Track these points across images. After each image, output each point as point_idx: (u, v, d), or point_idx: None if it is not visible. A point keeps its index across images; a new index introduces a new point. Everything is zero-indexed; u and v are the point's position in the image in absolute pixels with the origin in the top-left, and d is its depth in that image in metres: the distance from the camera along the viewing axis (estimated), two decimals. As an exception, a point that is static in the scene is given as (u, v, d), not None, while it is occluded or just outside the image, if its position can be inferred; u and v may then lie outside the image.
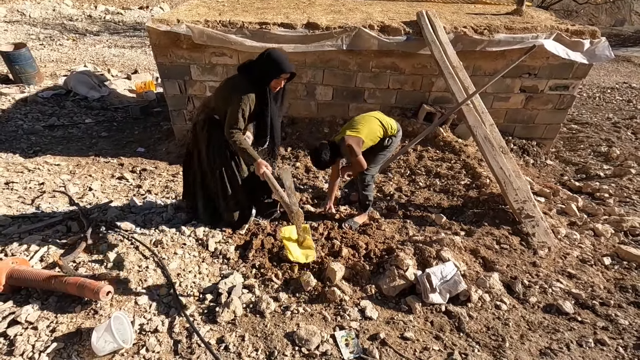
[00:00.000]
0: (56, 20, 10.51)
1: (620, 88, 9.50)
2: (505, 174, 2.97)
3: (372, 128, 2.63)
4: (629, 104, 7.96)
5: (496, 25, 4.01)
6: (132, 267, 2.33)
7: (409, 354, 1.84)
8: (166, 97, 4.41)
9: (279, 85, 2.33)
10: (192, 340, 1.89)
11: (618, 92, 9.09)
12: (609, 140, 5.25)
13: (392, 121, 2.80)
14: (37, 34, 9.50)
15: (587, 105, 7.91)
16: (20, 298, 2.12)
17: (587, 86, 9.59)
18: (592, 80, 10.31)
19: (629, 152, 4.82)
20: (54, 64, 8.10)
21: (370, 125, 2.63)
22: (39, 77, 6.93)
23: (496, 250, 2.57)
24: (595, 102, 8.14)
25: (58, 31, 9.82)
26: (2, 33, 9.22)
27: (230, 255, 2.53)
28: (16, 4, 10.69)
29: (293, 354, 1.83)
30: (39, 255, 2.43)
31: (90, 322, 1.94)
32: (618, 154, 4.75)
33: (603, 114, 7.02)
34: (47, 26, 10.02)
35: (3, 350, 1.80)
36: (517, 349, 1.88)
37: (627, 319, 2.07)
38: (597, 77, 10.72)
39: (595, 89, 9.42)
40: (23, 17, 10.37)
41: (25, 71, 6.67)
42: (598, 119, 6.42)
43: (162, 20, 3.91)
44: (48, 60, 8.25)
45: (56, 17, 10.69)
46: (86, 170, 4.04)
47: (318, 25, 3.93)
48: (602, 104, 7.98)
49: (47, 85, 6.82)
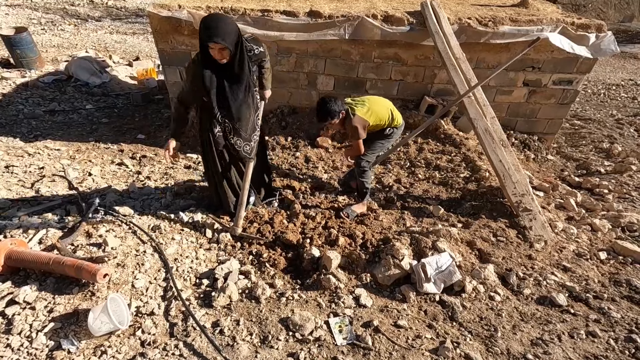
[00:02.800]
0: (58, 4, 10.43)
1: (626, 85, 9.40)
2: (505, 167, 2.96)
3: (381, 114, 2.71)
4: (634, 101, 7.89)
5: (501, 17, 3.95)
6: (130, 251, 2.35)
7: (401, 341, 1.86)
8: (167, 84, 4.39)
9: (217, 57, 2.02)
10: (187, 323, 1.92)
11: (623, 89, 9.00)
12: (611, 137, 5.22)
13: (399, 114, 2.88)
14: (38, 19, 9.43)
15: (591, 102, 7.84)
16: (18, 279, 2.14)
17: (592, 82, 9.49)
18: (597, 76, 10.20)
19: (630, 149, 4.80)
20: (55, 49, 8.06)
21: (381, 111, 2.71)
22: (40, 62, 6.90)
23: (492, 243, 2.57)
24: (600, 99, 8.06)
25: (60, 16, 9.75)
26: (4, 17, 9.16)
27: (227, 242, 2.54)
28: (18, -12, 10.58)
29: (287, 339, 1.85)
30: (37, 237, 2.45)
31: (87, 304, 1.97)
32: (620, 151, 4.72)
33: (607, 111, 6.96)
34: (49, 11, 9.95)
35: (1, 329, 1.83)
36: (509, 339, 1.89)
37: (620, 312, 2.08)
38: (603, 74, 10.60)
39: (600, 85, 9.32)
40: (25, 1, 10.27)
41: (27, 56, 6.64)
42: (601, 115, 6.37)
43: (164, 5, 3.88)
44: (49, 45, 8.20)
45: (58, 2, 10.60)
46: (86, 155, 4.04)
47: (321, 14, 3.89)
48: (607, 101, 7.90)
49: (48, 71, 6.79)
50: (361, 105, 2.67)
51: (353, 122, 2.59)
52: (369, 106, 2.67)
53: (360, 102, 2.71)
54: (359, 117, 2.61)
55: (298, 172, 3.71)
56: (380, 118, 2.72)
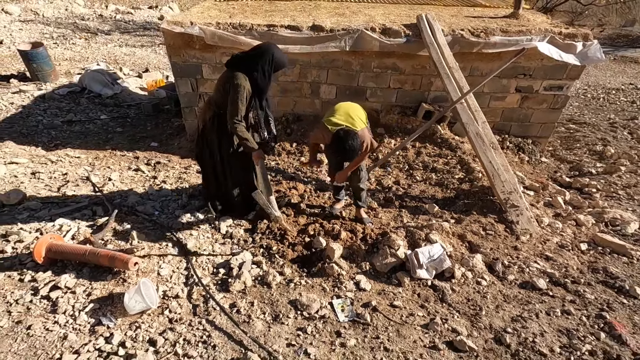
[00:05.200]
0: (68, 19, 10.98)
1: (626, 89, 9.63)
2: (494, 168, 3.26)
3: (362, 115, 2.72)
4: (633, 104, 8.14)
5: (492, 28, 4.29)
6: (154, 244, 2.67)
7: (396, 318, 2.15)
8: (179, 94, 4.76)
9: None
10: (208, 305, 2.23)
11: (623, 93, 9.24)
12: (604, 140, 5.50)
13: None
14: (50, 33, 9.95)
15: (590, 106, 8.10)
16: (56, 269, 2.46)
17: (592, 87, 9.78)
18: (597, 81, 10.48)
19: (622, 151, 5.07)
20: (68, 62, 8.53)
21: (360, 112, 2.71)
22: (55, 74, 7.35)
23: (482, 236, 2.87)
24: (599, 103, 8.32)
25: (71, 30, 10.27)
26: (18, 32, 9.68)
27: (239, 237, 2.86)
28: (30, 4, 11.17)
29: (296, 317, 2.15)
30: (70, 234, 2.78)
31: (120, 289, 2.29)
32: (612, 153, 5.00)
33: (605, 115, 7.22)
34: (60, 25, 10.48)
35: (48, 309, 2.15)
36: (492, 316, 2.18)
37: (594, 294, 2.36)
38: (603, 78, 10.87)
39: (600, 89, 9.57)
40: (37, 16, 10.84)
41: (42, 69, 7.09)
42: (597, 119, 6.65)
43: (177, 22, 4.26)
44: (62, 58, 8.68)
45: (68, 17, 11.15)
46: (104, 162, 4.40)
47: (323, 28, 4.25)
48: (606, 105, 8.16)
49: (63, 83, 7.24)
50: (352, 120, 2.57)
51: (364, 141, 2.57)
52: (351, 114, 2.60)
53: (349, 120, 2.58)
54: (362, 131, 2.58)
55: (303, 175, 4.03)
56: (363, 117, 2.68)
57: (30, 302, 2.19)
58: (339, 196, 3.32)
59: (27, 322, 2.05)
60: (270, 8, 4.98)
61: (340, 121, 2.56)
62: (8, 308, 2.15)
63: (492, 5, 5.45)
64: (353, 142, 2.43)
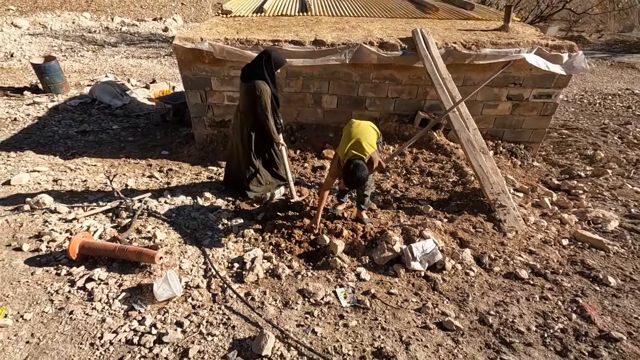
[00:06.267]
0: (76, 32, 11.47)
1: (623, 94, 9.93)
2: (484, 171, 3.60)
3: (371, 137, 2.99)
4: (628, 110, 8.45)
5: (483, 41, 4.67)
6: (174, 242, 3.02)
7: (392, 303, 2.47)
8: (189, 105, 5.13)
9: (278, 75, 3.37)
10: (225, 294, 2.56)
11: (619, 98, 9.54)
12: (595, 144, 5.83)
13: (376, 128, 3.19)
14: (59, 46, 10.43)
15: (585, 111, 8.43)
16: (88, 264, 2.80)
17: (588, 92, 10.13)
18: (594, 86, 10.83)
19: (612, 155, 5.40)
20: (77, 74, 8.97)
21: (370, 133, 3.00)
22: (66, 86, 7.77)
23: (472, 233, 3.19)
24: (595, 109, 8.64)
25: (78, 43, 10.74)
26: (28, 45, 10.16)
27: (250, 236, 3.19)
28: (38, 17, 11.68)
29: (304, 303, 2.48)
30: (97, 234, 3.13)
31: (147, 280, 2.62)
32: (602, 157, 5.33)
33: (599, 120, 7.55)
34: (68, 38, 10.96)
35: (85, 298, 2.48)
36: (478, 302, 2.50)
37: (570, 282, 2.68)
38: (600, 84, 11.21)
39: (596, 95, 9.87)
40: (45, 29, 11.34)
41: (54, 81, 7.52)
42: (589, 124, 6.99)
43: (188, 38, 4.65)
44: (71, 70, 9.12)
45: (76, 30, 11.65)
46: (120, 170, 4.76)
47: (324, 42, 4.63)
48: (602, 110, 8.48)
49: (73, 94, 7.65)
50: (361, 149, 2.79)
51: (374, 163, 2.85)
52: (361, 140, 2.83)
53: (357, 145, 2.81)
54: (371, 156, 2.82)
55: (307, 180, 4.37)
56: (372, 141, 2.92)
57: (69, 292, 2.53)
58: (342, 199, 3.66)
59: (68, 308, 2.39)
60: (274, 23, 5.38)
61: (349, 150, 2.81)
62: (50, 297, 2.48)
63: (484, 18, 5.84)
64: (361, 174, 2.63)
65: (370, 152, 2.83)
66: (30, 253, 2.93)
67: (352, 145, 2.82)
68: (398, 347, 2.15)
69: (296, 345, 2.14)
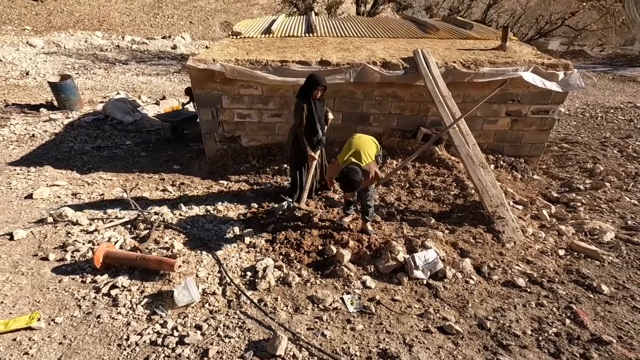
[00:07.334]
0: (88, 50, 11.97)
1: (625, 108, 10.12)
2: (483, 184, 3.81)
3: (370, 149, 3.28)
4: (630, 123, 8.64)
5: (481, 60, 4.94)
6: (190, 252, 3.24)
7: (396, 309, 2.66)
8: (200, 122, 5.42)
9: (318, 94, 3.71)
10: (240, 300, 2.76)
11: (621, 111, 9.73)
12: (595, 158, 6.02)
13: (377, 142, 3.47)
14: (72, 64, 10.89)
15: (587, 125, 8.63)
16: (111, 273, 3.03)
17: (590, 106, 10.35)
18: (596, 100, 11.06)
19: (611, 168, 5.59)
20: (90, 91, 9.37)
21: (369, 146, 3.30)
22: (80, 103, 8.14)
23: (472, 243, 3.39)
24: (597, 122, 8.83)
25: (91, 61, 11.21)
26: (42, 64, 10.63)
27: (261, 246, 3.41)
28: (52, 36, 12.21)
29: (313, 309, 2.68)
30: (118, 244, 3.36)
31: (166, 287, 2.84)
32: (601, 170, 5.52)
33: (600, 133, 7.73)
34: (81, 56, 11.45)
35: (110, 303, 2.70)
36: (477, 308, 2.68)
37: (565, 290, 2.85)
38: (602, 97, 11.44)
39: (598, 108, 10.08)
40: (59, 48, 11.85)
41: (69, 99, 7.89)
42: (590, 138, 7.19)
43: (200, 60, 4.97)
44: (84, 87, 9.53)
45: (88, 48, 12.16)
46: (134, 183, 5.02)
47: (329, 62, 4.93)
48: (603, 124, 8.68)
49: (87, 111, 8.01)
50: (359, 156, 3.06)
51: (370, 172, 3.06)
52: (360, 150, 3.09)
53: (356, 154, 3.07)
54: (368, 165, 3.07)
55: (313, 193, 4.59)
56: (371, 152, 3.20)
57: (95, 298, 2.75)
58: (348, 211, 3.88)
59: (95, 312, 2.60)
60: (282, 44, 5.70)
61: (349, 157, 3.08)
62: (77, 303, 2.71)
63: (483, 37, 6.14)
64: (354, 177, 2.89)
65: (367, 162, 3.09)
66: (56, 262, 3.16)
67: (351, 154, 3.11)
68: (402, 348, 2.33)
69: (307, 346, 2.33)
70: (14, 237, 3.42)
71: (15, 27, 12.46)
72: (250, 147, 5.55)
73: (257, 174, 5.26)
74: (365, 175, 3.06)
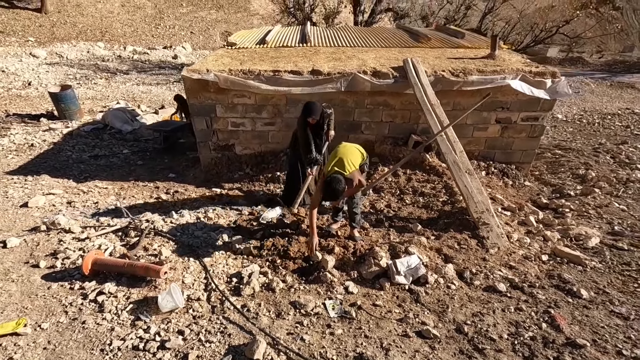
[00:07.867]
0: (90, 61, 12.21)
1: (622, 114, 10.13)
2: (469, 191, 3.87)
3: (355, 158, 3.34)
4: (627, 129, 8.66)
5: (470, 69, 5.03)
6: (178, 259, 3.31)
7: (376, 314, 2.71)
8: (195, 131, 5.53)
9: (313, 122, 3.91)
10: (224, 305, 2.82)
11: (619, 117, 9.74)
12: (587, 164, 6.06)
13: (363, 151, 3.54)
14: (74, 74, 11.11)
15: (583, 131, 8.65)
16: (99, 279, 3.10)
17: (588, 112, 10.38)
18: (594, 106, 11.08)
19: (602, 174, 5.62)
20: (91, 100, 9.55)
21: (354, 154, 3.37)
22: (80, 113, 8.31)
23: (456, 249, 3.43)
24: (594, 128, 8.86)
25: (92, 71, 11.43)
26: (45, 74, 10.85)
27: (249, 253, 3.47)
28: (55, 47, 12.47)
29: (295, 314, 2.73)
30: (108, 251, 3.44)
31: (152, 293, 2.90)
32: (593, 176, 5.55)
33: (596, 140, 7.76)
34: (83, 67, 11.68)
35: (96, 309, 2.77)
36: (456, 312, 2.72)
37: (545, 295, 2.89)
38: (600, 104, 11.47)
39: (596, 115, 10.10)
40: (61, 59, 12.10)
41: (69, 109, 8.06)
42: (583, 144, 7.22)
43: (195, 70, 5.09)
44: (85, 97, 9.72)
45: (90, 58, 12.40)
46: (129, 192, 5.12)
47: (321, 72, 5.03)
48: (600, 130, 8.70)
49: (87, 120, 8.17)
50: (343, 165, 3.13)
51: (354, 181, 3.14)
52: (344, 159, 3.16)
53: (339, 163, 3.15)
54: (352, 174, 3.14)
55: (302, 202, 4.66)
56: (356, 161, 3.25)
57: (81, 305, 2.82)
58: (337, 218, 3.95)
59: (81, 318, 2.67)
60: (275, 54, 5.82)
61: (332, 167, 3.16)
62: (64, 309, 2.78)
63: (474, 46, 6.24)
64: (337, 186, 3.01)
65: (351, 171, 3.16)
66: (46, 269, 3.24)
67: (335, 163, 3.19)
68: (378, 352, 2.37)
69: (285, 350, 2.38)
70: (7, 245, 3.51)
71: (19, 39, 12.75)
72: (244, 155, 5.65)
73: (250, 182, 5.34)
74: (349, 183, 3.13)
